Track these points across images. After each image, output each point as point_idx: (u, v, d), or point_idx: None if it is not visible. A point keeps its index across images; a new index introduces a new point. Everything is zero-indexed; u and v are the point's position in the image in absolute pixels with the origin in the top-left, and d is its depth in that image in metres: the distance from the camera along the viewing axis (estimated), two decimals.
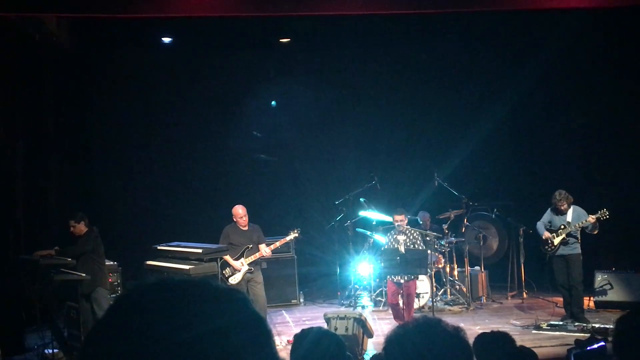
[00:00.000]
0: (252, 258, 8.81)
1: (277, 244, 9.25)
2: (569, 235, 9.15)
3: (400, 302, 8.91)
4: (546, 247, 9.29)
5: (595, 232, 9.23)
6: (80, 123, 12.23)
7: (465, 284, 10.74)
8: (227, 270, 8.79)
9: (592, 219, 9.01)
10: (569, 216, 9.19)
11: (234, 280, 8.76)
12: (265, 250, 8.88)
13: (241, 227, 8.91)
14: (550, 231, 9.25)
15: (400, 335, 1.94)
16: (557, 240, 9.17)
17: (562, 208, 9.18)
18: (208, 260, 8.99)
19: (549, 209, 9.43)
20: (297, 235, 9.30)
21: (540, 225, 9.44)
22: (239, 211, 8.90)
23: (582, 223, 9.09)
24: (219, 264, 8.77)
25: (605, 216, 8.95)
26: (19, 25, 9.43)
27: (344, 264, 11.48)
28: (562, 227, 9.16)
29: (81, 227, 8.25)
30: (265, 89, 12.95)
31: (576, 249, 9.19)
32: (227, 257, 8.75)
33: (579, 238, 9.21)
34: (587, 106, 11.70)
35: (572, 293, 9.17)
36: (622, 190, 10.88)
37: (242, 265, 8.78)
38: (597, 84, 11.41)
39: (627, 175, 10.99)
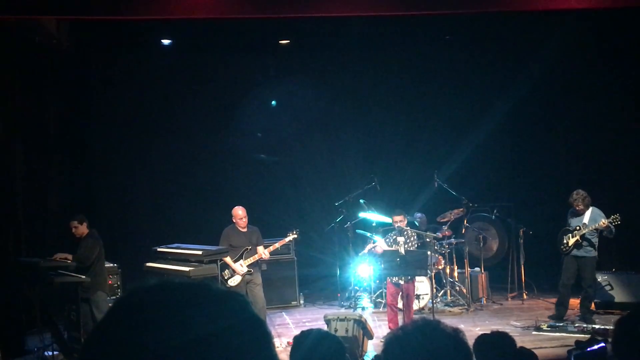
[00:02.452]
0: (250, 260, 8.81)
1: (277, 245, 9.25)
2: (583, 237, 9.09)
3: (400, 303, 8.90)
4: (561, 247, 9.30)
5: (612, 237, 9.21)
6: (80, 125, 12.22)
7: (465, 285, 10.74)
8: (227, 272, 8.79)
9: (604, 223, 8.93)
10: (586, 218, 9.13)
11: (233, 282, 8.76)
12: (263, 252, 8.89)
13: (240, 229, 8.91)
14: (568, 231, 9.24)
15: (400, 337, 1.94)
16: (571, 241, 9.14)
17: (578, 208, 9.12)
18: (208, 262, 8.99)
19: (570, 210, 9.42)
20: (295, 236, 9.30)
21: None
22: (239, 212, 8.90)
23: (595, 227, 9.02)
24: (219, 266, 8.78)
25: (617, 221, 8.90)
26: (19, 28, 9.43)
27: (344, 266, 11.48)
28: (578, 228, 9.12)
29: (83, 229, 8.27)
30: (265, 90, 12.97)
31: (590, 252, 9.16)
32: (227, 259, 8.76)
33: (596, 242, 9.16)
34: (587, 108, 11.71)
35: (581, 294, 9.20)
36: (623, 192, 10.88)
37: (241, 267, 8.78)
38: (596, 86, 11.42)
39: (627, 177, 11.00)
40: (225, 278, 8.76)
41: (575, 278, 9.32)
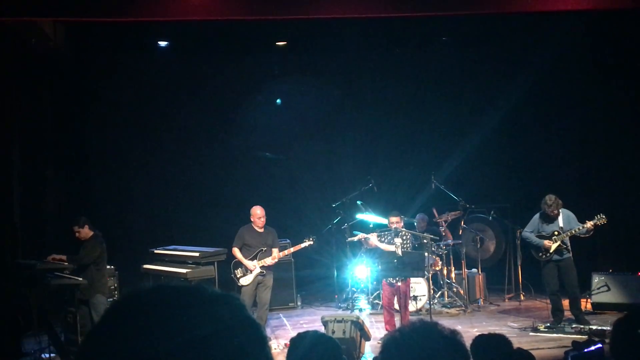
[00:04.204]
0: (265, 262, 8.77)
1: (291, 250, 9.22)
2: (562, 242, 9.04)
3: (396, 304, 8.89)
4: (540, 254, 9.16)
5: (587, 236, 9.12)
6: (78, 127, 12.21)
7: (462, 287, 10.75)
8: (239, 271, 8.73)
9: (589, 224, 8.82)
10: (561, 221, 9.02)
11: (245, 281, 8.70)
12: (276, 255, 8.84)
13: (257, 229, 8.85)
14: (543, 237, 9.10)
15: (397, 338, 1.94)
16: (553, 247, 9.01)
17: (553, 214, 8.98)
18: (205, 264, 8.99)
19: (537, 216, 9.24)
20: (311, 243, 9.18)
21: (530, 235, 9.23)
22: (257, 212, 8.83)
23: (577, 230, 8.91)
24: (232, 264, 8.75)
25: (603, 221, 8.76)
26: (15, 30, 9.42)
27: (341, 267, 11.48)
28: (556, 233, 9.00)
29: (86, 231, 8.24)
30: (263, 92, 12.97)
31: (567, 254, 9.06)
32: (241, 257, 8.71)
33: (569, 245, 9.08)
34: (581, 110, 11.75)
35: (570, 297, 9.11)
36: (618, 192, 10.89)
37: (254, 267, 8.74)
38: (591, 88, 11.46)
39: (622, 177, 11.01)
40: (238, 276, 8.71)
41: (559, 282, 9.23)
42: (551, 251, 9.03)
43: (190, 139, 12.89)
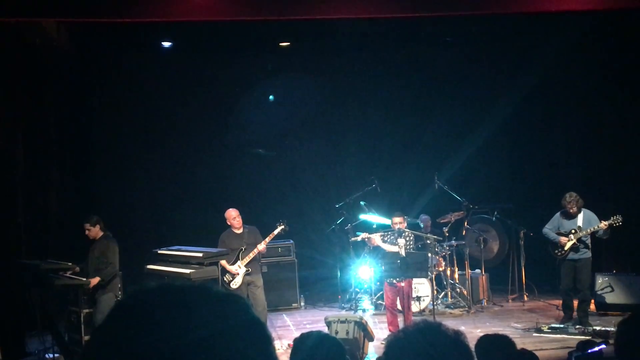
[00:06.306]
0: (247, 259, 8.81)
1: (267, 239, 9.15)
2: (579, 240, 9.00)
3: (399, 305, 8.88)
4: (556, 251, 9.15)
5: (606, 238, 9.11)
6: (81, 127, 12.24)
7: (466, 287, 10.74)
8: (228, 276, 8.83)
9: (604, 224, 8.80)
10: (580, 220, 8.99)
11: (234, 284, 8.78)
12: (259, 247, 8.88)
13: (235, 230, 8.92)
14: (560, 234, 9.10)
15: (401, 339, 1.94)
16: (567, 245, 9.00)
17: (572, 211, 8.96)
18: (209, 264, 8.99)
19: (558, 213, 9.23)
20: (283, 227, 9.13)
21: (548, 231, 9.22)
22: (232, 214, 8.93)
23: (593, 228, 8.89)
24: (220, 269, 8.78)
25: (618, 222, 8.73)
26: (19, 31, 9.44)
27: (345, 268, 11.48)
28: (573, 231, 8.98)
29: (96, 231, 8.27)
30: (266, 90, 12.97)
31: (586, 253, 9.05)
32: (224, 263, 8.76)
33: (589, 244, 9.08)
34: (586, 109, 11.73)
35: (579, 297, 9.10)
36: (623, 192, 10.87)
37: (238, 268, 8.79)
38: (596, 87, 11.43)
39: (627, 177, 10.99)
40: (227, 281, 8.79)
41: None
42: (566, 248, 9.02)
43: (194, 139, 12.90)
